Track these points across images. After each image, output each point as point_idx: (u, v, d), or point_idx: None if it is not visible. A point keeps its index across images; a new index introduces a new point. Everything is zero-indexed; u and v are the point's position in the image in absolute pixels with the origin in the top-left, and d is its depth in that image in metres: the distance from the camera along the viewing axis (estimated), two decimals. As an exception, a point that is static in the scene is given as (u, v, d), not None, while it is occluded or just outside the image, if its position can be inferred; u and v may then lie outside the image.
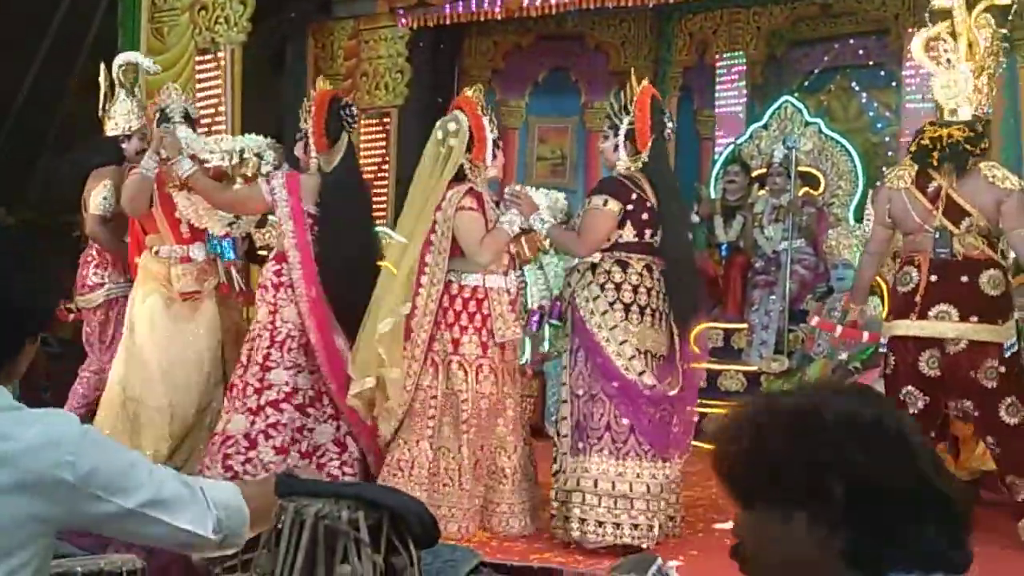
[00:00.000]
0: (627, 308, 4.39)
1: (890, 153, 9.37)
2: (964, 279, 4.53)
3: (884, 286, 6.93)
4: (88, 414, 5.48)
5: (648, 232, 4.48)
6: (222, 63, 7.82)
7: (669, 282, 4.48)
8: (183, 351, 5.21)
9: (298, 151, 5.01)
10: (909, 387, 4.64)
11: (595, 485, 4.31)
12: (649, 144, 4.47)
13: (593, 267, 4.47)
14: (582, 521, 4.31)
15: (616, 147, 4.53)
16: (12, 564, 1.57)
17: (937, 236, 4.56)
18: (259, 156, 5.28)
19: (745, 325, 7.89)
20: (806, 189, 8.19)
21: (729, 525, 4.50)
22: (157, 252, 5.29)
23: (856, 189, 8.45)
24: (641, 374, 4.35)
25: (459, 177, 4.63)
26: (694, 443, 6.25)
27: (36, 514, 1.59)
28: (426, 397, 4.53)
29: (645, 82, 4.60)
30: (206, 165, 5.19)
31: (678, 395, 4.49)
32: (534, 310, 5.36)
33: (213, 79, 7.86)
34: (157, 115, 5.42)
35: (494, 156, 4.73)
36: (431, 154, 4.69)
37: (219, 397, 5.19)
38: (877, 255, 5.05)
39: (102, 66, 5.95)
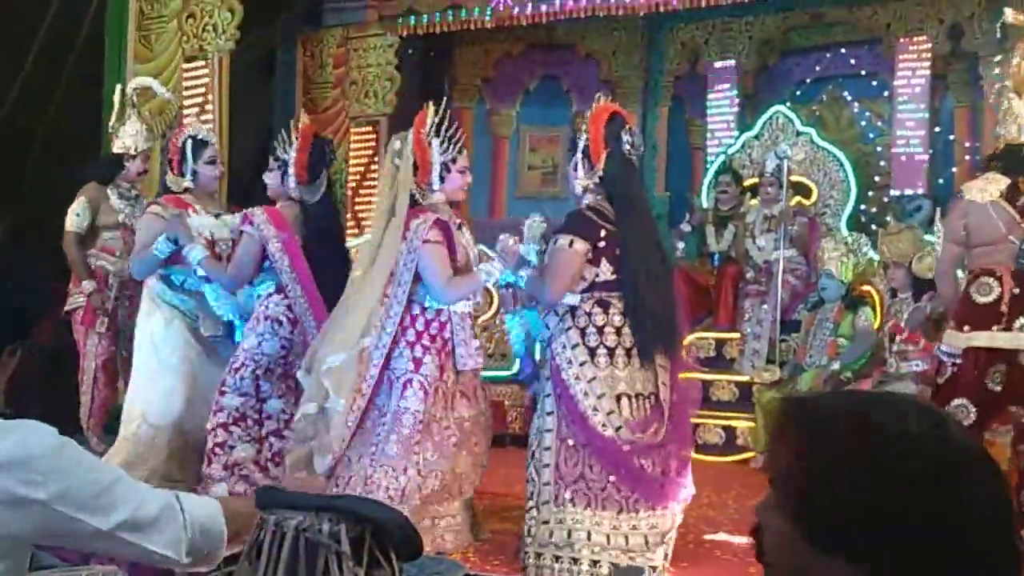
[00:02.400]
0: (611, 352, 4.16)
1: (882, 163, 9.37)
2: None
3: (877, 296, 6.91)
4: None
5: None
6: (210, 71, 7.77)
7: (630, 312, 4.20)
8: (207, 377, 5.11)
9: (272, 179, 4.99)
10: (963, 400, 4.54)
11: (588, 537, 4.09)
12: (603, 158, 4.23)
13: (572, 311, 4.21)
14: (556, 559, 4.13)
15: (576, 165, 4.33)
16: None
17: (1023, 247, 4.52)
18: None
19: (737, 335, 7.86)
20: (798, 199, 8.17)
21: (720, 537, 4.44)
22: (183, 284, 5.15)
23: (848, 199, 8.44)
24: (618, 429, 4.09)
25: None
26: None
27: (8, 530, 1.54)
28: (376, 415, 4.43)
29: (603, 101, 4.39)
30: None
31: (666, 439, 4.18)
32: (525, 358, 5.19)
33: (201, 87, 7.81)
34: (187, 140, 5.20)
35: (442, 180, 4.51)
36: (385, 172, 4.69)
37: None
38: (953, 270, 4.94)
39: (118, 86, 6.06)
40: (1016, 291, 4.52)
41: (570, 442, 4.15)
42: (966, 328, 4.65)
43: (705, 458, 7.25)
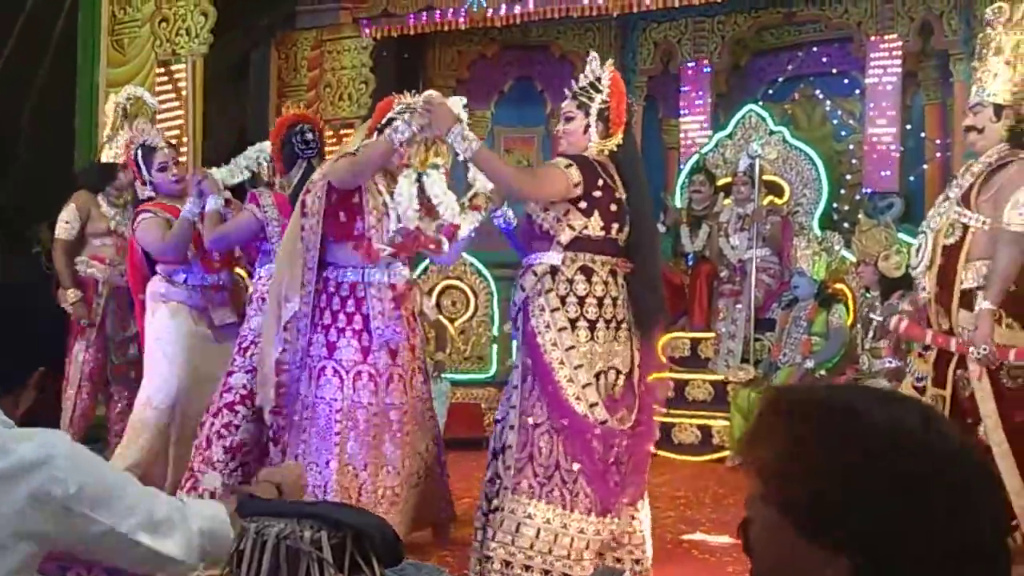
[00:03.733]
0: (592, 325, 3.89)
1: (854, 161, 9.45)
2: None
3: (850, 294, 6.99)
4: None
5: (615, 227, 3.97)
6: (184, 75, 7.75)
7: (633, 286, 4.00)
8: (212, 367, 5.07)
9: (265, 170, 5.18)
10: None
11: (537, 535, 3.82)
12: (621, 131, 4.06)
13: (553, 270, 3.91)
14: (506, 564, 3.84)
15: (586, 128, 4.01)
16: None
17: None
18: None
19: (712, 334, 7.91)
20: (771, 198, 8.24)
21: (697, 537, 4.41)
22: (185, 280, 5.18)
23: (820, 197, 8.51)
24: (593, 406, 3.83)
25: None
26: (662, 453, 6.25)
27: (31, 529, 1.57)
28: (303, 408, 4.25)
29: (611, 63, 4.17)
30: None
31: (632, 430, 3.95)
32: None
33: (175, 91, 7.79)
34: (138, 149, 5.24)
35: None
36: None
37: None
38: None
39: (112, 96, 6.07)
40: None
41: (542, 425, 3.87)
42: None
43: (681, 457, 7.30)
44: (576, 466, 3.81)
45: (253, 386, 4.59)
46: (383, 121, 4.27)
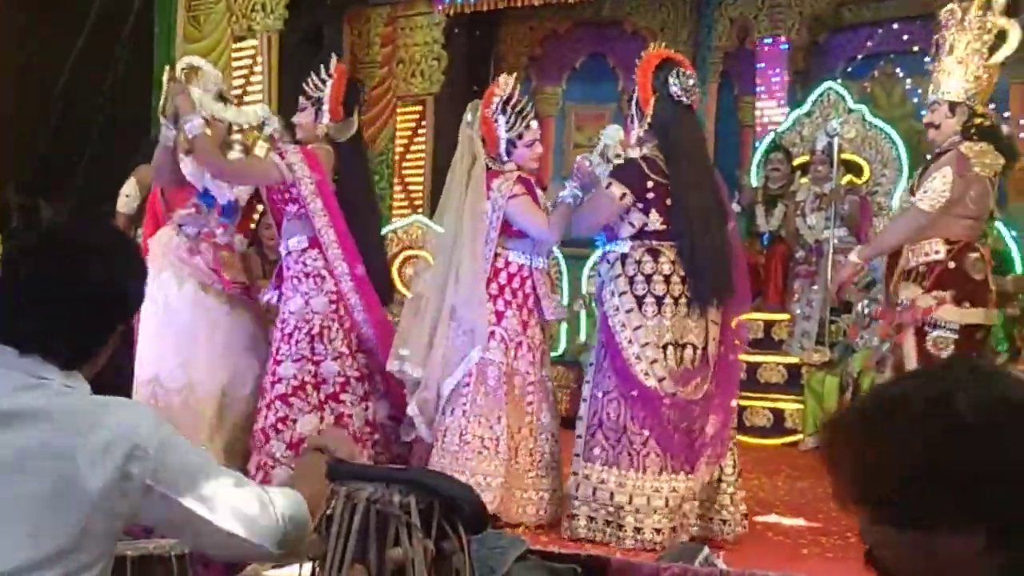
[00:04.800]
0: (659, 301, 4.14)
1: (934, 140, 9.22)
2: None
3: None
4: None
5: None
6: (259, 50, 7.80)
7: (684, 259, 4.16)
8: (234, 336, 4.97)
9: (305, 119, 4.77)
10: None
11: (611, 497, 4.10)
12: (651, 105, 4.19)
13: (623, 257, 4.23)
14: (591, 520, 4.16)
15: (632, 118, 4.36)
16: (82, 560, 1.52)
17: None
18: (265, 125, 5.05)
19: (786, 316, 7.79)
20: (849, 177, 8.05)
21: (771, 519, 4.42)
22: (199, 233, 4.96)
23: (900, 177, 8.30)
24: (662, 380, 4.09)
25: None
26: (738, 437, 6.20)
27: (115, 508, 1.55)
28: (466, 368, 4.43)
29: (653, 47, 4.38)
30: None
31: (707, 397, 4.17)
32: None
33: (250, 67, 7.85)
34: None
35: (508, 154, 4.55)
36: (461, 140, 4.68)
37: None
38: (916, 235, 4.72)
39: (167, 68, 6.02)
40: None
41: (612, 395, 4.15)
42: (966, 304, 4.52)
43: (753, 440, 7.21)
44: (646, 432, 4.07)
45: (304, 376, 4.56)
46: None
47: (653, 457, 4.07)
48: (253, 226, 5.47)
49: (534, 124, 4.61)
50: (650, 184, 4.17)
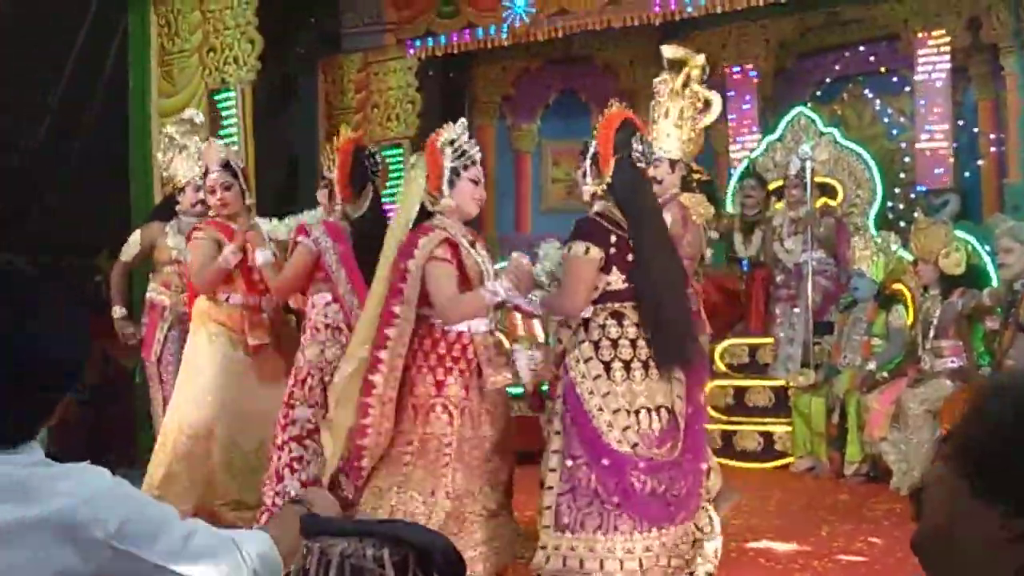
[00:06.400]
0: (627, 365, 4.02)
1: (907, 159, 9.33)
2: None
3: (909, 294, 6.87)
4: None
5: None
6: (234, 102, 7.84)
7: (648, 322, 4.07)
8: (254, 392, 5.19)
9: (322, 198, 5.03)
10: None
11: (580, 565, 3.94)
12: (612, 165, 4.10)
13: (586, 323, 4.09)
14: None
15: (585, 173, 4.21)
16: None
17: None
18: None
19: (770, 340, 7.83)
20: (824, 200, 8.13)
21: (762, 545, 4.40)
22: (228, 299, 5.30)
23: (875, 197, 8.39)
24: (635, 446, 3.96)
25: (426, 214, 4.35)
26: (724, 461, 6.20)
27: (69, 572, 1.53)
28: (403, 443, 4.24)
29: (615, 107, 4.25)
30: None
31: (681, 457, 4.05)
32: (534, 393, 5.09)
33: (227, 117, 7.89)
34: (204, 168, 5.42)
35: (451, 185, 4.25)
36: (405, 183, 4.60)
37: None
38: None
39: (166, 127, 6.21)
40: None
41: (580, 461, 4.00)
42: None
43: (744, 465, 7.23)
44: (615, 499, 3.93)
45: (318, 420, 4.64)
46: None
47: (625, 518, 3.93)
48: None
49: (479, 167, 4.38)
50: (612, 239, 4.07)
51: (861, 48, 9.66)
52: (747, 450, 7.42)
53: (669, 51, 4.73)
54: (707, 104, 4.61)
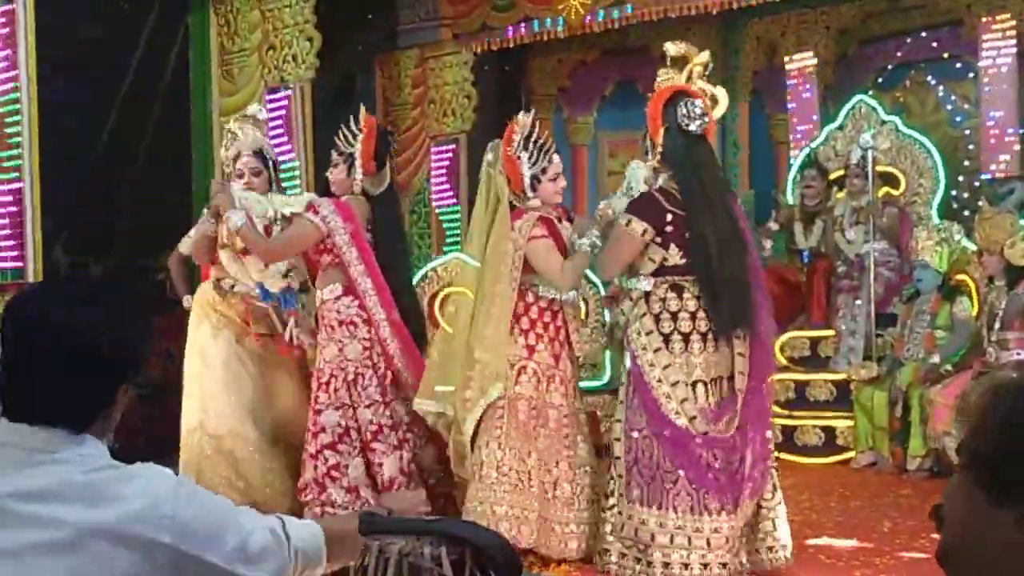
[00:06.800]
0: (686, 338, 4.15)
1: (971, 146, 9.15)
2: None
3: (973, 285, 6.75)
4: None
5: None
6: (292, 100, 7.92)
7: (703, 291, 4.17)
8: (255, 383, 5.12)
9: (338, 175, 4.97)
10: None
11: (652, 539, 4.08)
12: (661, 135, 4.22)
13: (647, 296, 4.23)
14: (622, 556, 4.20)
15: (646, 151, 4.38)
16: None
17: None
18: None
19: (831, 332, 7.72)
20: (886, 189, 7.99)
21: (823, 542, 4.40)
22: (233, 287, 5.20)
23: (938, 186, 8.23)
24: (692, 419, 4.08)
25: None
26: (785, 456, 6.15)
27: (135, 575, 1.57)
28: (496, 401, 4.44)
29: (663, 78, 4.41)
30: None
31: (740, 431, 4.12)
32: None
33: (284, 117, 7.97)
34: (236, 152, 5.32)
35: (533, 189, 4.53)
36: (482, 179, 4.74)
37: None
38: None
39: (229, 123, 6.27)
40: None
41: (644, 432, 4.14)
42: None
43: (804, 460, 7.15)
44: (680, 472, 4.06)
45: (348, 422, 4.68)
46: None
47: (684, 496, 4.05)
48: None
49: (556, 158, 4.61)
50: (668, 217, 4.18)
51: (923, 34, 9.50)
52: (808, 445, 7.34)
53: (672, 48, 4.74)
54: (714, 99, 4.69)
